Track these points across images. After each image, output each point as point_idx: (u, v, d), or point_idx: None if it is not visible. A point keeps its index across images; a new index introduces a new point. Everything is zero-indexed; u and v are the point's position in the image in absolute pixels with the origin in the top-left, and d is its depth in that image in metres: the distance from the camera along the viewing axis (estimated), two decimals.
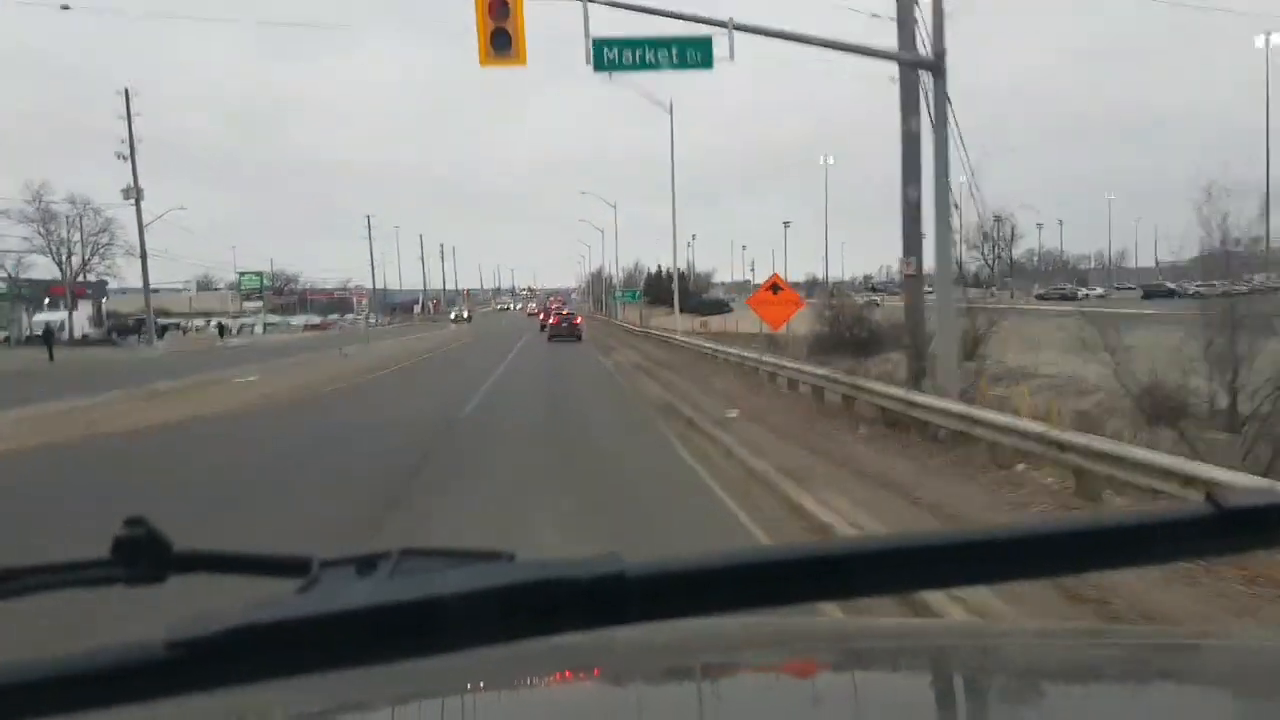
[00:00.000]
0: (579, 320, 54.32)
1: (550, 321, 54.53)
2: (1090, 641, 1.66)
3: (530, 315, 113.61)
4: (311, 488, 9.86)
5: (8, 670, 0.57)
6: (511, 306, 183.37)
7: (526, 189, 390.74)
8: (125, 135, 51.02)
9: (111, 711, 0.58)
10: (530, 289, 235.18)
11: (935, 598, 4.74)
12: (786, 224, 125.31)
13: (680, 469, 10.89)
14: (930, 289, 14.97)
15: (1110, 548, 0.68)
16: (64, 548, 0.84)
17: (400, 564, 0.64)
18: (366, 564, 0.65)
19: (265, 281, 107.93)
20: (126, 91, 51.24)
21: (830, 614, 2.62)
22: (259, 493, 9.73)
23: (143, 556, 0.68)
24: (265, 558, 0.72)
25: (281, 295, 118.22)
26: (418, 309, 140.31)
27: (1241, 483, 6.27)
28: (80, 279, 63.98)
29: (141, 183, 51.61)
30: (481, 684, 1.31)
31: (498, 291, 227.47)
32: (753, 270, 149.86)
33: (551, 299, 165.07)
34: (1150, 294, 68.88)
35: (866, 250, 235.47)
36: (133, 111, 51.19)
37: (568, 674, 1.37)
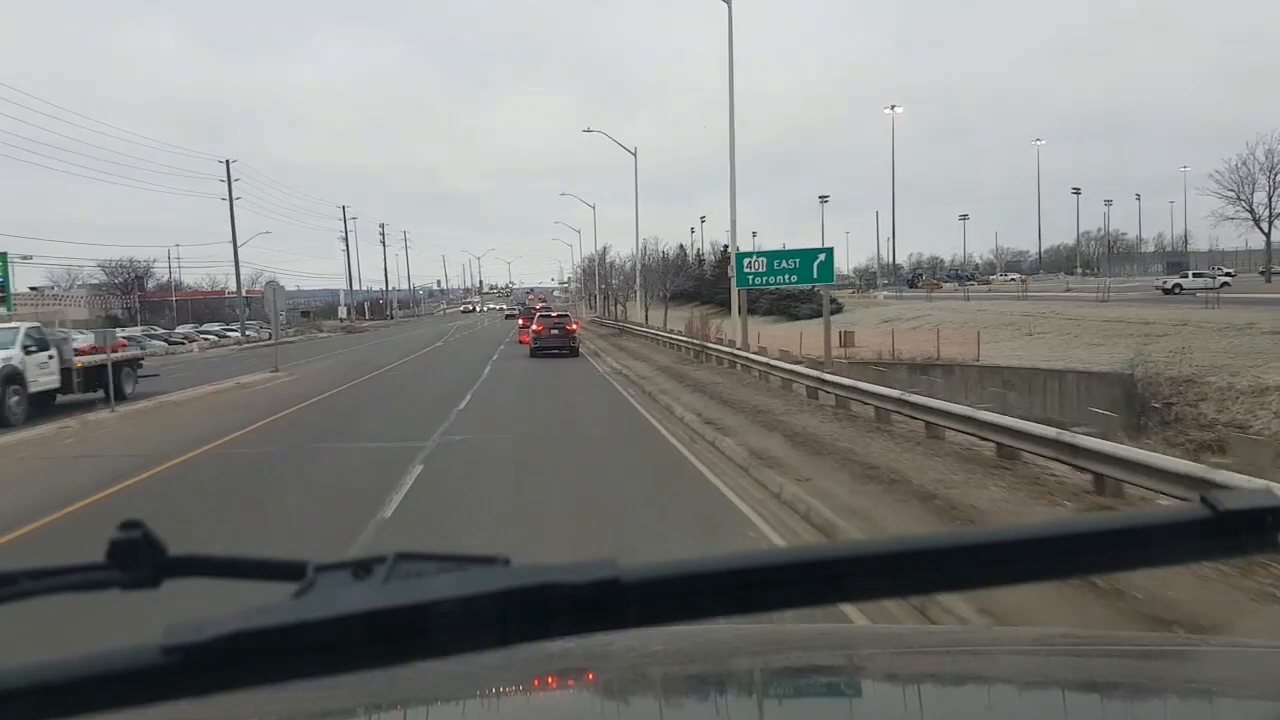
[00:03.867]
0: (573, 326, 36.97)
1: (535, 328, 36.42)
2: (1089, 646, 1.67)
3: (509, 317, 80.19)
4: None
5: (3, 675, 0.57)
6: (478, 308, 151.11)
7: (497, 190, 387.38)
8: None
9: (107, 717, 0.58)
10: (508, 286, 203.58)
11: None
12: (824, 198, 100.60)
13: None
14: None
15: (1106, 551, 0.68)
16: None
17: (396, 568, 0.64)
18: (362, 568, 0.65)
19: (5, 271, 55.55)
20: None
21: (827, 618, 2.43)
22: None
23: (138, 560, 0.68)
24: (261, 562, 0.72)
25: (127, 295, 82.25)
26: (343, 314, 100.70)
27: None
28: None
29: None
30: (477, 689, 1.32)
31: (467, 291, 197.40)
32: None
33: (531, 295, 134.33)
34: None
35: (862, 239, 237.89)
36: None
37: (563, 678, 1.37)
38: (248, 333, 67.23)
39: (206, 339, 65.01)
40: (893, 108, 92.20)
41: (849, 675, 1.43)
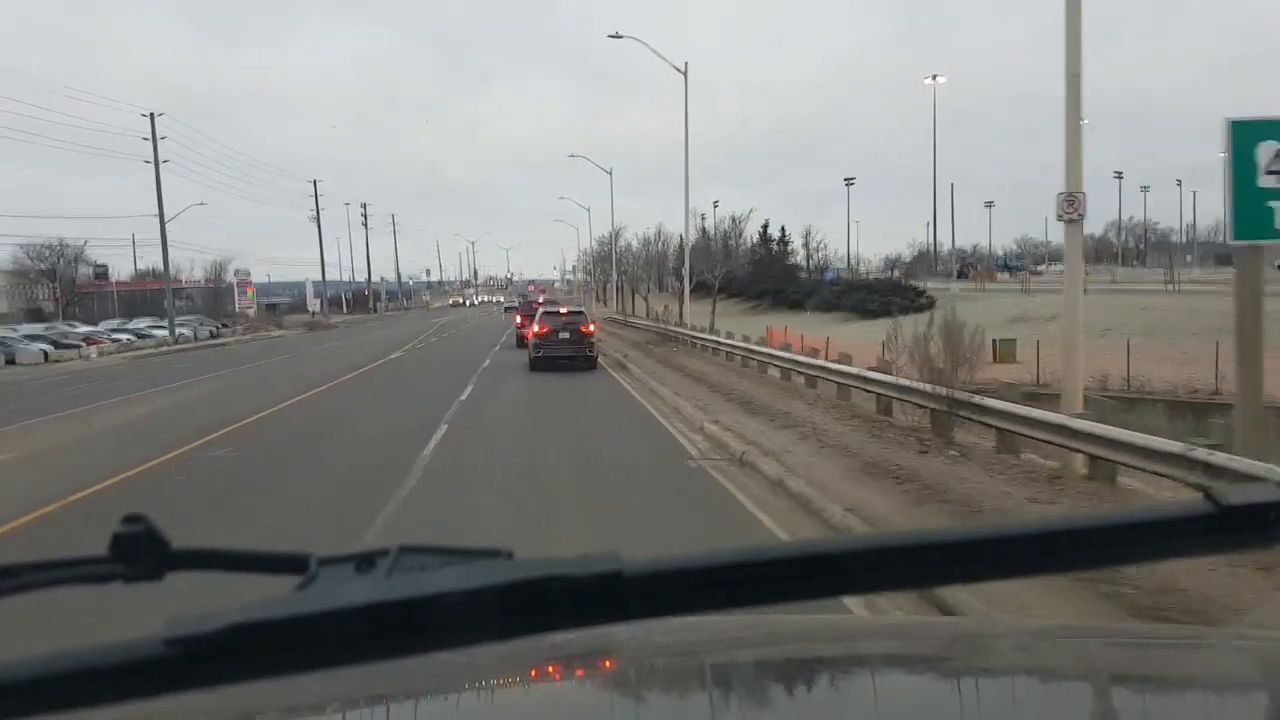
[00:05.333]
0: (589, 328, 27.12)
1: (537, 330, 26.68)
2: (1091, 637, 1.67)
3: (508, 310, 66.27)
4: None
5: (6, 668, 0.57)
6: (470, 301, 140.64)
7: (497, 182, 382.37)
8: None
9: (110, 709, 0.58)
10: (508, 277, 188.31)
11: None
12: (849, 181, 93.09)
13: None
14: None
15: (1108, 545, 0.68)
16: None
17: (399, 561, 0.64)
18: (365, 561, 0.65)
19: None
20: None
21: (829, 611, 2.46)
22: None
23: (141, 554, 0.68)
24: (264, 555, 0.72)
25: (54, 283, 69.79)
26: (315, 308, 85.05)
27: None
28: None
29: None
30: (480, 681, 1.32)
31: (465, 283, 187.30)
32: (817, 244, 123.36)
33: (533, 286, 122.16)
34: None
35: (880, 230, 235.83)
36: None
37: (566, 668, 1.37)
38: (180, 331, 52.83)
39: (117, 340, 48.28)
40: (934, 77, 73.47)
41: (852, 667, 1.43)
